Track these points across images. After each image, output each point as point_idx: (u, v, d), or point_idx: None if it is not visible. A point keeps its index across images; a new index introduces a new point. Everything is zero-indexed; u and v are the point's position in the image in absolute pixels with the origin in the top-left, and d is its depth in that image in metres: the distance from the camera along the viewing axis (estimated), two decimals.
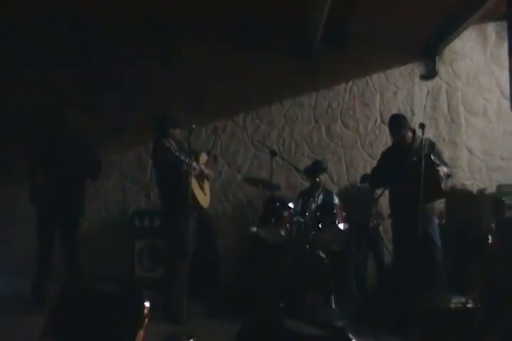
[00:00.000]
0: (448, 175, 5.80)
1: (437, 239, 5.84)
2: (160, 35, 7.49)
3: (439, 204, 6.90)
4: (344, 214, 6.19)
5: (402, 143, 5.93)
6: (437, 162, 5.60)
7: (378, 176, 6.21)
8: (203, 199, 5.73)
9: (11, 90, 7.32)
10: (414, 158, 5.48)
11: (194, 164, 5.53)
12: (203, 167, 5.87)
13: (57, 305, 1.79)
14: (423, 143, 5.53)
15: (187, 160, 5.31)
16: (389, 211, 6.23)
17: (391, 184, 5.85)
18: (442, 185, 5.62)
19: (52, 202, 6.01)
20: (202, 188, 5.77)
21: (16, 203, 6.79)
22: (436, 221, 6.12)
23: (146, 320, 1.83)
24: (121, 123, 7.52)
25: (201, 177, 5.81)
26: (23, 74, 7.35)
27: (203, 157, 6.03)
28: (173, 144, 5.56)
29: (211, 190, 6.14)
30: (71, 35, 7.33)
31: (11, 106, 7.25)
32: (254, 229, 6.56)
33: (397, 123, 5.99)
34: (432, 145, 5.93)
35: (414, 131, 5.93)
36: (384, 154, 6.32)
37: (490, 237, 6.04)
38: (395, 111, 7.83)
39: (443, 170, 5.64)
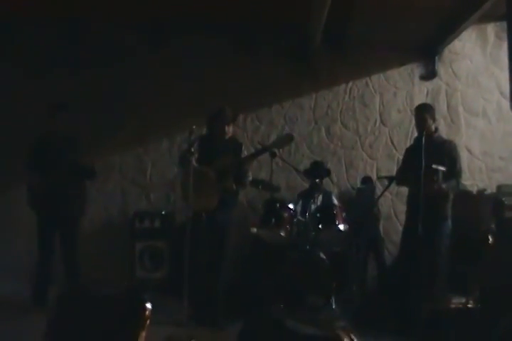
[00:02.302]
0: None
1: (441, 242, 5.73)
2: (159, 37, 7.49)
3: None
4: (344, 214, 6.19)
5: (425, 133, 5.71)
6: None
7: (400, 173, 6.17)
8: (198, 201, 5.40)
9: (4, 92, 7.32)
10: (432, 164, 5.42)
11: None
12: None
13: (57, 311, 1.79)
14: (447, 145, 5.58)
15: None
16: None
17: (407, 182, 5.87)
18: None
19: (49, 205, 5.98)
20: (201, 189, 5.47)
21: (16, 204, 6.77)
22: (449, 222, 5.81)
23: (148, 321, 1.83)
24: (120, 122, 7.51)
25: (205, 177, 5.55)
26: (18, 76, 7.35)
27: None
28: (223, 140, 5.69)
29: None
30: (70, 36, 7.35)
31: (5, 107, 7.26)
32: (255, 230, 6.56)
33: (423, 108, 5.97)
34: (452, 150, 5.88)
35: (436, 128, 5.92)
36: (406, 150, 6.29)
37: (490, 238, 6.04)
38: (394, 112, 7.86)
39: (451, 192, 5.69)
